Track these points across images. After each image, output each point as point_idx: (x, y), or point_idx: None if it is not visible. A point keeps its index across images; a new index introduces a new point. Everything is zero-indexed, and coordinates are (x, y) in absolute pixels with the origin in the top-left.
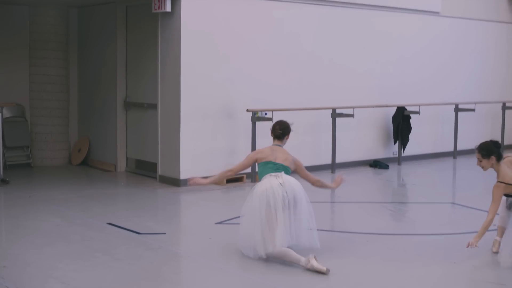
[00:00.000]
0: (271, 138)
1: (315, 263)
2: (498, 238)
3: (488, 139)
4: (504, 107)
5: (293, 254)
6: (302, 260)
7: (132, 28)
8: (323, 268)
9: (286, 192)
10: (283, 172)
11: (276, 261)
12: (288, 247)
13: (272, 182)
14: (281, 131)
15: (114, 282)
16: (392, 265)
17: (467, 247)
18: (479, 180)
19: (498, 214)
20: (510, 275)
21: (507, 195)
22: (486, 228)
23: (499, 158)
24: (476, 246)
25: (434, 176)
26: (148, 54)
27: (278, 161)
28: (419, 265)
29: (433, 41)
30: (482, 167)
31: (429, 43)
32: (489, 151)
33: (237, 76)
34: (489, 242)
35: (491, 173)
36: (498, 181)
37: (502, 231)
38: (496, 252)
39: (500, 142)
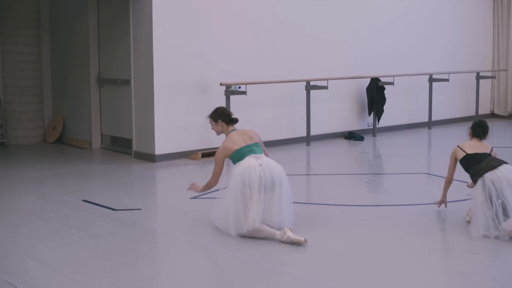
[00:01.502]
0: (238, 115)
1: (291, 235)
2: (472, 208)
3: (462, 109)
4: (478, 77)
5: (266, 228)
6: (277, 233)
7: (104, 3)
8: (301, 238)
9: (264, 173)
10: (263, 155)
11: (253, 238)
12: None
13: (251, 162)
14: (233, 114)
15: (90, 259)
16: (367, 236)
17: (437, 205)
18: None
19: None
20: (483, 244)
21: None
22: (445, 186)
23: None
24: (442, 201)
25: (409, 147)
26: (121, 29)
27: (248, 143)
28: (393, 236)
29: (407, 11)
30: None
31: (402, 13)
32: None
33: (210, 48)
34: (464, 211)
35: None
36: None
37: None
38: (469, 222)
39: (486, 123)
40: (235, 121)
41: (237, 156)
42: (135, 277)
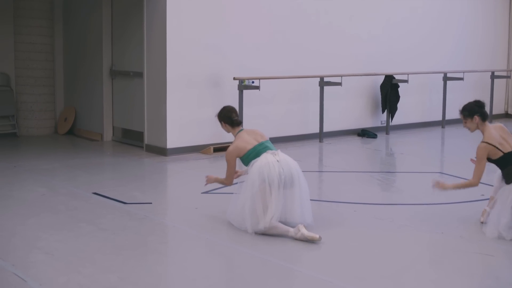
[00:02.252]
0: (250, 110)
1: (305, 232)
2: (487, 208)
3: None
4: (493, 76)
5: (281, 225)
6: (291, 230)
7: None
8: (315, 235)
9: (283, 169)
10: (279, 150)
11: (266, 234)
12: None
13: (269, 158)
14: (238, 117)
15: (98, 252)
16: (380, 234)
17: (434, 185)
18: (467, 150)
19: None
20: (498, 245)
21: (491, 161)
22: (464, 186)
23: (483, 117)
24: (441, 187)
25: (422, 146)
26: (134, 21)
27: (260, 140)
28: (406, 235)
29: (421, 6)
30: (469, 129)
31: (416, 9)
32: (471, 111)
33: (224, 41)
34: (478, 212)
35: (479, 142)
36: (482, 141)
37: (492, 202)
38: (483, 222)
39: (483, 102)
40: (237, 123)
41: (252, 154)
42: (144, 272)
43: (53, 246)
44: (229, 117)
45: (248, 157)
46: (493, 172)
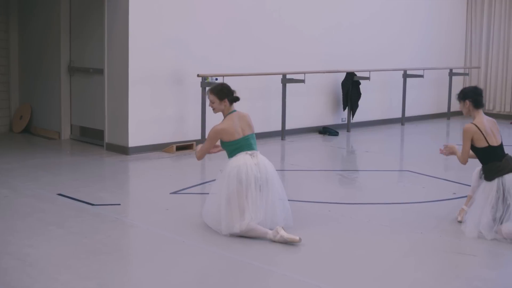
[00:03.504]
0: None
1: (284, 234)
2: (464, 207)
3: (435, 106)
4: (451, 74)
5: (259, 227)
6: (269, 232)
7: None
8: (295, 237)
9: (260, 173)
10: (258, 152)
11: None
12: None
13: (247, 160)
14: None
15: (72, 257)
16: (359, 236)
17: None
18: (427, 147)
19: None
20: (478, 245)
21: (474, 150)
22: (457, 155)
23: (475, 104)
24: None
25: (385, 143)
26: (94, 15)
27: (246, 132)
28: (386, 236)
29: (383, 8)
30: (463, 112)
31: (379, 10)
32: (465, 94)
33: (188, 36)
34: (453, 210)
35: (440, 139)
36: (471, 123)
37: (470, 200)
38: (461, 221)
39: (481, 89)
40: (236, 100)
41: (234, 147)
42: (124, 278)
43: (25, 251)
44: (232, 93)
45: (230, 146)
46: (470, 170)
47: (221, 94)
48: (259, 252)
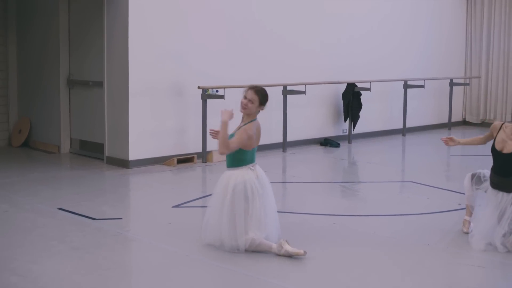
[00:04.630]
0: (214, 120)
1: (289, 248)
2: (467, 218)
3: (435, 116)
4: (452, 84)
5: (263, 241)
6: (274, 246)
7: (76, 0)
8: (300, 251)
9: (261, 188)
10: (257, 164)
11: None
12: None
13: (250, 175)
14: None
15: (75, 273)
16: (366, 248)
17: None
18: (429, 157)
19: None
20: (487, 256)
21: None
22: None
23: None
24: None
25: (387, 154)
26: (93, 28)
27: (255, 145)
28: (392, 248)
29: (384, 21)
30: None
31: (380, 22)
32: None
33: (188, 48)
34: (458, 222)
35: (442, 150)
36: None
37: (470, 210)
38: (467, 233)
39: None
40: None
41: (241, 157)
42: None
43: (26, 267)
44: (268, 100)
45: (243, 155)
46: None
47: (265, 99)
48: (265, 266)
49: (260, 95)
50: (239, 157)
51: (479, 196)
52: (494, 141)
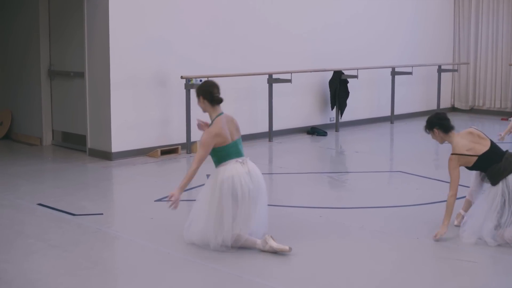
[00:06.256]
0: (197, 110)
1: (274, 244)
2: (462, 212)
3: (424, 103)
4: (440, 70)
5: (248, 237)
6: (258, 242)
7: None
8: (285, 247)
9: (252, 183)
10: (248, 158)
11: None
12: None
13: (238, 170)
14: (219, 94)
15: (52, 274)
16: (353, 243)
17: (435, 237)
18: (418, 145)
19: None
20: (479, 250)
21: (471, 169)
22: (451, 207)
23: (444, 129)
24: (444, 234)
25: (374, 143)
26: (74, 18)
27: (235, 137)
28: (380, 242)
29: (369, 5)
30: (437, 140)
31: (365, 7)
32: (430, 123)
33: (170, 36)
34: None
35: (430, 137)
36: (451, 154)
37: (468, 205)
38: (458, 226)
39: (444, 113)
40: (218, 101)
41: (223, 153)
42: None
43: (1, 267)
44: (210, 92)
45: (220, 152)
46: (464, 170)
47: (198, 91)
48: (248, 263)
49: (197, 92)
50: (220, 154)
51: (481, 193)
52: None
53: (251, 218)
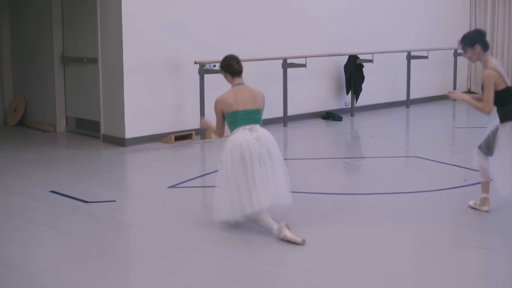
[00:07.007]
0: (212, 95)
1: (288, 234)
2: (484, 195)
3: (440, 87)
4: (456, 54)
5: (266, 219)
6: (275, 227)
7: None
8: (297, 239)
9: (262, 148)
10: (258, 125)
11: (241, 231)
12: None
13: (246, 136)
14: (239, 65)
15: (63, 262)
16: (368, 230)
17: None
18: (436, 131)
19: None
20: (494, 237)
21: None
22: (476, 107)
23: (484, 47)
24: (458, 97)
25: (390, 128)
26: (87, 4)
27: (248, 106)
28: (395, 229)
29: None
30: (469, 59)
31: None
32: (472, 39)
33: (184, 20)
34: (464, 200)
35: (446, 122)
36: (488, 68)
37: (487, 185)
38: (487, 211)
39: (485, 31)
40: (237, 72)
41: (232, 119)
42: (117, 285)
43: (12, 256)
44: (229, 65)
45: (228, 118)
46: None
47: (220, 66)
48: (262, 251)
49: (220, 67)
50: (230, 120)
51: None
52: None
53: (269, 185)
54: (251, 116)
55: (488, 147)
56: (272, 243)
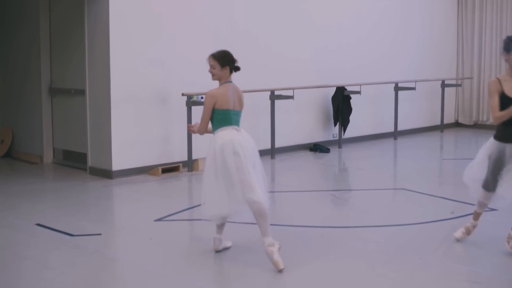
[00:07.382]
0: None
1: (276, 255)
2: (475, 222)
3: (427, 118)
4: (444, 85)
5: (268, 223)
6: (268, 238)
7: (56, 7)
8: (279, 265)
9: (248, 148)
10: (242, 129)
11: (229, 263)
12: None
13: (236, 135)
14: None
15: None
16: (357, 264)
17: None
18: (424, 162)
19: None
20: (482, 271)
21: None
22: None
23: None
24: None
25: (378, 159)
26: (75, 36)
27: (236, 107)
28: (383, 263)
29: (375, 25)
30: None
31: (369, 23)
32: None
33: (170, 56)
34: (450, 232)
35: (434, 153)
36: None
37: (479, 216)
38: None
39: None
40: (238, 69)
41: (224, 116)
42: None
43: None
44: (234, 61)
45: (220, 114)
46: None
47: (224, 60)
48: (252, 285)
49: (218, 57)
50: (221, 117)
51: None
52: (504, 93)
53: (259, 183)
54: (237, 117)
55: (495, 179)
56: (261, 274)
